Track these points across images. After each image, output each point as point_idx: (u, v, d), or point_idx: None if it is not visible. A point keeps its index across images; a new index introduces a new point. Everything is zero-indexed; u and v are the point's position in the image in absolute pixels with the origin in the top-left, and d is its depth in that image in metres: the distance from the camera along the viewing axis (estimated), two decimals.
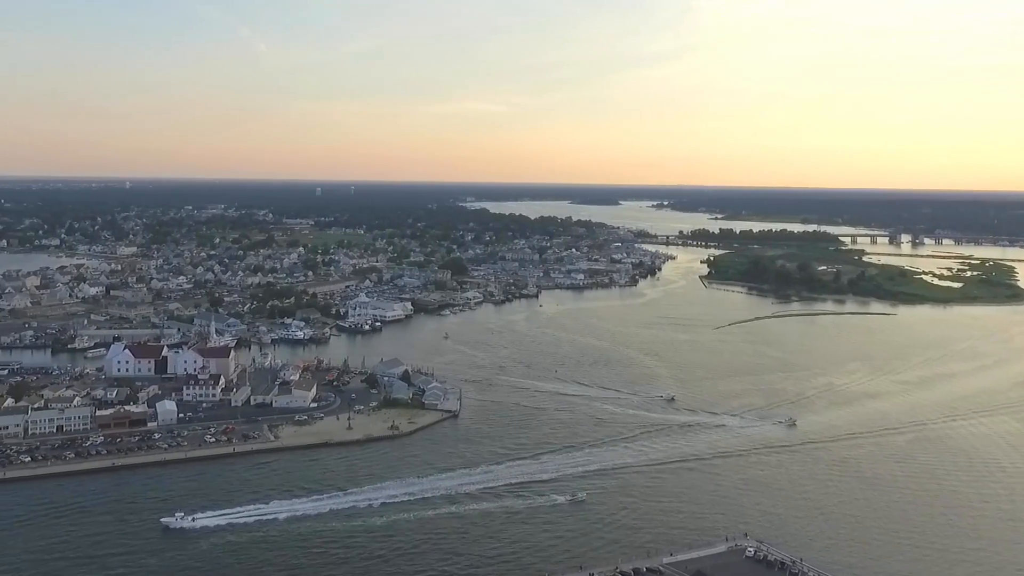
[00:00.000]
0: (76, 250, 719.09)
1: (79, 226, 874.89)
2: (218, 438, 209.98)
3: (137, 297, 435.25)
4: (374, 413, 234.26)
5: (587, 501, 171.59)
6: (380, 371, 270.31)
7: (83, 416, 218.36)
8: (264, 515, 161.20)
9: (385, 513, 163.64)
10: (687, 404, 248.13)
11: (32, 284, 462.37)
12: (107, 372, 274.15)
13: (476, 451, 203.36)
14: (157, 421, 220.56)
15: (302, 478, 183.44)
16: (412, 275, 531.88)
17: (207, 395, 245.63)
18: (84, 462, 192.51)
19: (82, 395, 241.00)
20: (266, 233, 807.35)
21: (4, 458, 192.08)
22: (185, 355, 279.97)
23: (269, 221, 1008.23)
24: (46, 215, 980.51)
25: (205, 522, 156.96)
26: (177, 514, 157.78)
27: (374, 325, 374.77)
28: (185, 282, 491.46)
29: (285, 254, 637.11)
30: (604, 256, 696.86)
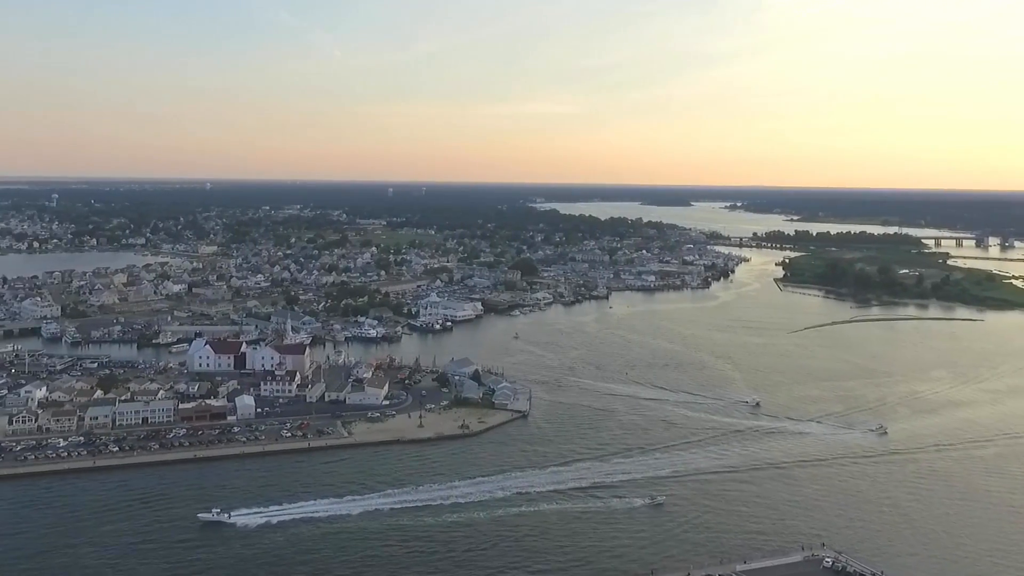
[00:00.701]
0: (160, 249, 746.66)
1: (163, 226, 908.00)
2: (294, 433, 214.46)
3: (217, 295, 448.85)
4: (445, 412, 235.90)
5: (665, 505, 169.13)
6: (451, 370, 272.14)
7: (167, 409, 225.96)
8: (340, 510, 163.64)
9: (456, 511, 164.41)
10: (765, 409, 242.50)
11: (120, 281, 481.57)
12: (189, 367, 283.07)
13: (546, 451, 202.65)
14: (236, 415, 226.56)
15: (375, 474, 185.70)
16: (482, 275, 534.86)
17: (283, 391, 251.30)
18: (168, 453, 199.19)
19: (166, 388, 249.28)
20: (340, 233, 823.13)
21: (95, 447, 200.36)
22: (262, 351, 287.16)
23: (343, 221, 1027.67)
24: (133, 215, 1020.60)
25: (245, 520, 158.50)
26: (214, 509, 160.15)
27: (445, 325, 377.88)
28: (263, 280, 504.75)
29: (358, 254, 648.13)
30: (675, 258, 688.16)
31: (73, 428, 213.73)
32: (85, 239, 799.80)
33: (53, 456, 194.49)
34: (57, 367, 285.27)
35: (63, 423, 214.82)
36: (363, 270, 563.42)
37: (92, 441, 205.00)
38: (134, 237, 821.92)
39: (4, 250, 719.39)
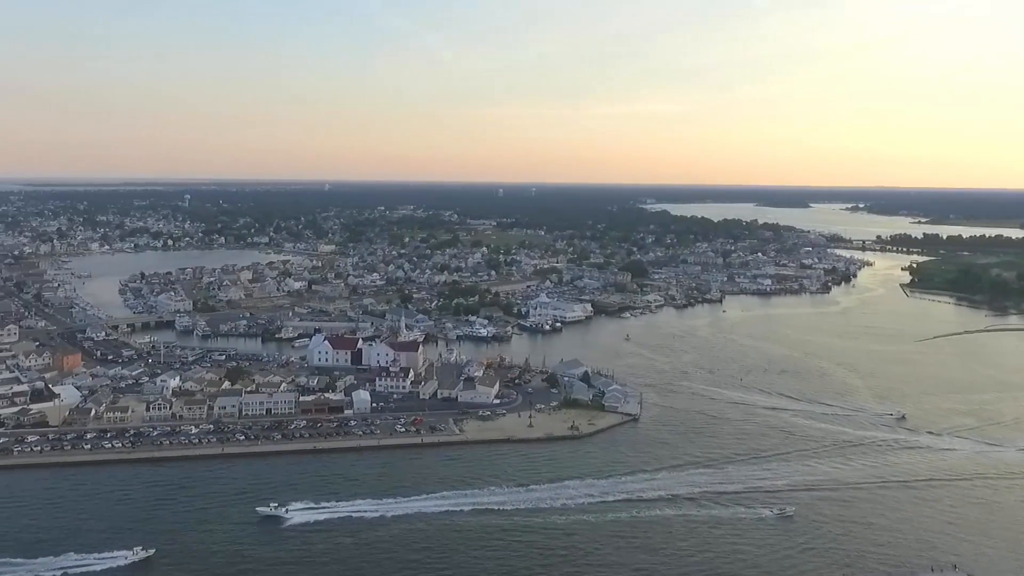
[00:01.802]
0: (283, 247, 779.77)
1: (285, 225, 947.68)
2: (407, 428, 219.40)
3: (335, 292, 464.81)
4: (554, 412, 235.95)
5: (794, 517, 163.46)
6: (560, 371, 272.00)
7: (288, 401, 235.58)
8: (452, 507, 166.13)
9: (566, 512, 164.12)
10: (894, 422, 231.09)
11: (245, 278, 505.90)
12: (309, 361, 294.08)
13: (657, 456, 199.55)
14: (353, 409, 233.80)
15: (486, 472, 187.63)
16: (592, 277, 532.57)
17: (397, 387, 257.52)
18: (290, 443, 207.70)
19: (287, 381, 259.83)
20: (452, 233, 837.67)
21: (223, 435, 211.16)
22: (378, 348, 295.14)
23: (454, 221, 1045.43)
24: (257, 215, 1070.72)
25: (301, 516, 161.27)
26: (272, 504, 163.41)
27: (554, 325, 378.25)
28: (378, 279, 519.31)
29: (469, 253, 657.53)
30: (793, 261, 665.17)
31: (203, 416, 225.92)
32: (214, 237, 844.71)
33: (186, 442, 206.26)
34: (189, 358, 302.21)
35: (195, 411, 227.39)
36: (474, 270, 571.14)
37: (221, 429, 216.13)
38: (258, 236, 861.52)
39: (142, 247, 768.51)
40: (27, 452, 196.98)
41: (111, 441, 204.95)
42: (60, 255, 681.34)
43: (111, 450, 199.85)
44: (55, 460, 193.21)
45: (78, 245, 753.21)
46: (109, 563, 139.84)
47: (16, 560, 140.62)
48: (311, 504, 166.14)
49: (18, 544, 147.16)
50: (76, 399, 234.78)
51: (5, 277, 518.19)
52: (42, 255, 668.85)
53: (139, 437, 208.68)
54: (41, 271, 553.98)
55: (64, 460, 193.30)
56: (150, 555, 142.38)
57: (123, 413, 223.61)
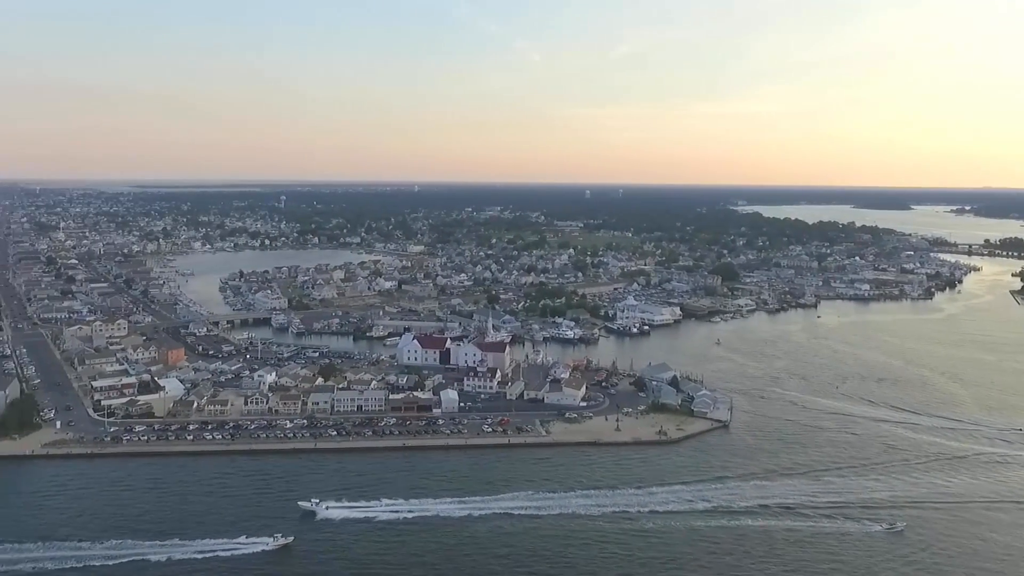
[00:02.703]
0: (373, 247, 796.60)
1: (376, 226, 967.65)
2: (494, 428, 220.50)
3: (424, 292, 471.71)
4: (642, 417, 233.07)
5: (905, 533, 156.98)
6: (648, 375, 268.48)
7: (379, 398, 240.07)
8: (537, 508, 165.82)
9: (653, 518, 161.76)
10: (1009, 436, 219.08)
11: (338, 277, 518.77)
12: (398, 360, 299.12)
13: (749, 464, 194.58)
14: (441, 408, 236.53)
15: (572, 474, 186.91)
16: (681, 279, 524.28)
17: (485, 387, 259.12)
18: (380, 440, 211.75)
19: (378, 379, 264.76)
20: (539, 234, 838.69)
21: (316, 430, 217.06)
22: (465, 348, 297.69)
23: (541, 223, 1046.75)
24: (349, 216, 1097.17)
25: (339, 512, 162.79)
26: (312, 500, 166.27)
27: (642, 328, 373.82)
28: (466, 279, 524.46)
29: (556, 255, 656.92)
30: (893, 265, 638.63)
31: (298, 411, 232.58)
32: (308, 237, 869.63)
33: (281, 436, 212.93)
34: (284, 355, 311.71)
35: (289, 406, 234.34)
36: (560, 271, 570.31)
37: (314, 424, 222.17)
38: (350, 236, 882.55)
39: (241, 246, 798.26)
40: (135, 441, 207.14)
41: (212, 433, 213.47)
42: (165, 254, 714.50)
43: (211, 441, 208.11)
44: (160, 449, 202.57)
45: (182, 244, 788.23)
46: (251, 548, 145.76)
47: (148, 543, 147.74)
48: (401, 501, 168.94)
49: (142, 527, 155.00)
50: (180, 392, 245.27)
51: (116, 274, 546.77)
52: (149, 253, 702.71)
53: (238, 430, 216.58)
54: (148, 269, 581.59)
55: (169, 450, 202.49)
56: (289, 542, 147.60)
57: (223, 406, 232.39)
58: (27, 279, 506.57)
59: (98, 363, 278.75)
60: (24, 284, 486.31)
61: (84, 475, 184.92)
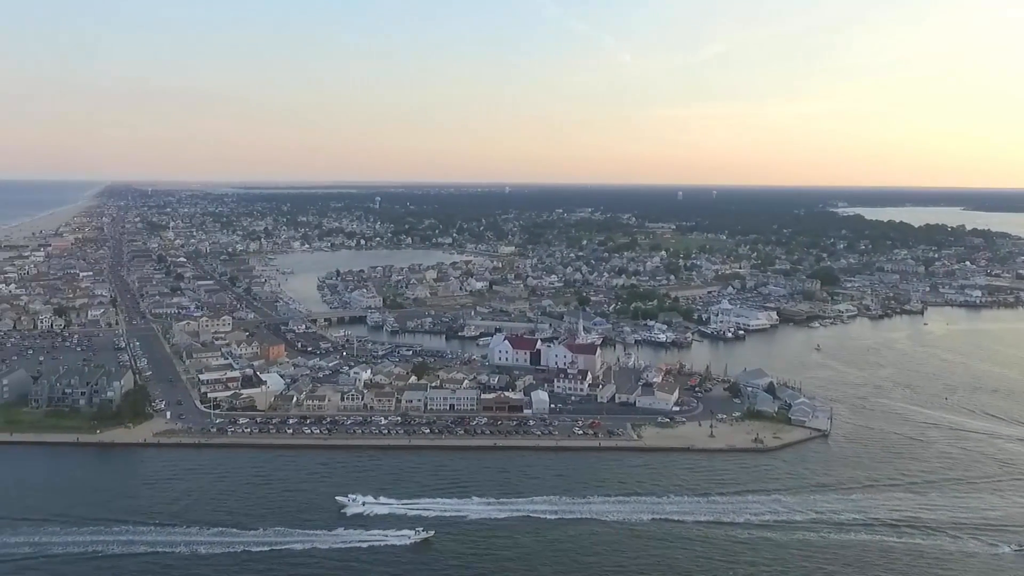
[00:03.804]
0: (465, 248, 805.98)
1: (467, 227, 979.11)
2: (585, 431, 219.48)
3: (515, 293, 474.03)
4: (737, 423, 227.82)
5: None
6: (743, 381, 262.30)
7: (470, 398, 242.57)
8: (630, 513, 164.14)
9: (749, 528, 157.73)
10: None
11: (431, 277, 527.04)
12: (489, 360, 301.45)
13: (850, 476, 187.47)
14: (532, 409, 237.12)
15: (666, 480, 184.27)
16: (777, 283, 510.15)
17: (575, 389, 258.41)
18: (472, 439, 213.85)
19: (469, 379, 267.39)
20: (630, 236, 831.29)
21: (410, 427, 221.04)
22: (556, 350, 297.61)
23: (632, 224, 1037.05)
24: (441, 216, 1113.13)
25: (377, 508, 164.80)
26: (351, 495, 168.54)
27: (737, 333, 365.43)
28: (556, 280, 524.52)
29: (647, 257, 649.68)
30: (1008, 271, 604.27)
31: (392, 408, 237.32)
32: (402, 237, 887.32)
33: (376, 432, 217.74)
34: (379, 352, 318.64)
35: (384, 403, 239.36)
36: (652, 274, 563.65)
37: (408, 421, 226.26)
38: (442, 237, 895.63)
39: (337, 246, 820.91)
40: (239, 433, 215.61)
41: (310, 427, 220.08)
42: (267, 253, 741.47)
43: (310, 435, 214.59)
44: (263, 442, 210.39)
45: (282, 244, 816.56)
46: (393, 541, 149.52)
47: (293, 530, 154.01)
48: (492, 500, 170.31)
49: (250, 515, 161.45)
50: (280, 387, 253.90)
51: (221, 272, 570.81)
52: (251, 252, 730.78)
53: (335, 425, 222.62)
54: (251, 267, 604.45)
55: (270, 442, 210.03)
56: (430, 536, 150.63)
57: (320, 402, 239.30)
58: (140, 276, 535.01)
59: (204, 357, 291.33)
60: (137, 281, 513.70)
61: (192, 464, 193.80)
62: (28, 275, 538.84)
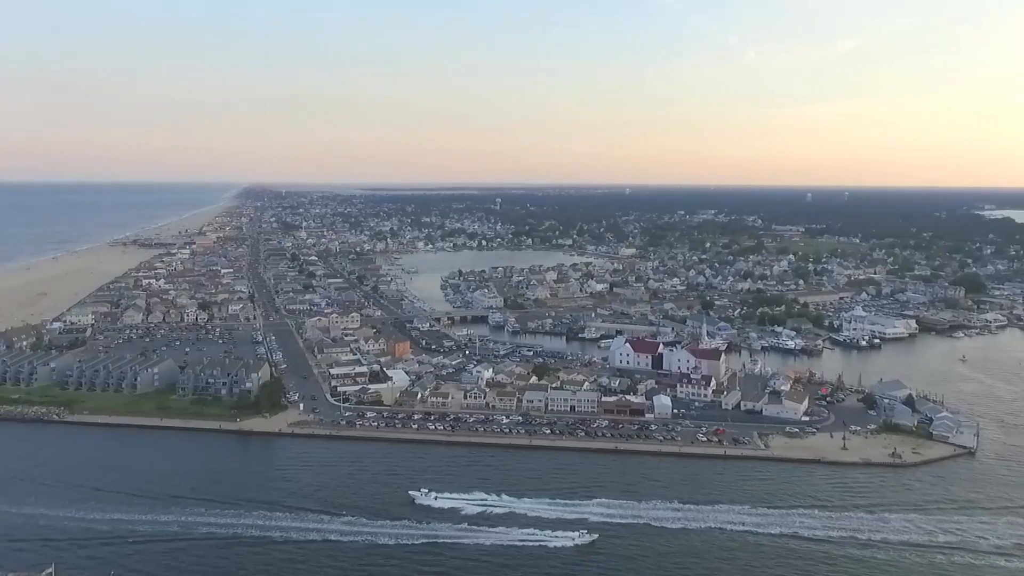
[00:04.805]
0: (585, 249, 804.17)
1: (587, 228, 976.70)
2: (709, 438, 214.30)
3: (636, 295, 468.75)
4: (872, 436, 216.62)
5: None
6: (879, 392, 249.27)
7: (591, 400, 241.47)
8: (754, 524, 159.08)
9: (887, 547, 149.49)
10: None
11: (551, 278, 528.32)
12: (610, 362, 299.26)
13: (1000, 498, 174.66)
14: (653, 413, 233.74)
15: (794, 492, 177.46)
16: (916, 290, 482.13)
17: (699, 395, 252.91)
18: (592, 441, 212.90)
19: (590, 381, 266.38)
20: (755, 239, 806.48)
21: (531, 427, 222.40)
22: (678, 354, 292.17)
23: (758, 227, 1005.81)
24: (561, 218, 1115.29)
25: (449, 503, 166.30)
26: (422, 489, 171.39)
27: (872, 341, 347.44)
28: (678, 284, 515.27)
29: (775, 261, 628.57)
30: None
31: (513, 408, 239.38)
32: (522, 238, 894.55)
33: (497, 431, 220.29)
34: (500, 352, 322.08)
35: (505, 402, 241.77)
36: (780, 278, 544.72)
37: (528, 421, 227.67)
38: (562, 238, 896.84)
39: (459, 247, 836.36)
40: (367, 426, 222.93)
41: (434, 423, 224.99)
42: (392, 252, 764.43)
43: (434, 431, 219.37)
44: (389, 436, 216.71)
45: (407, 243, 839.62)
46: (557, 542, 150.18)
47: (427, 523, 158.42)
48: (611, 501, 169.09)
49: (380, 507, 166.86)
50: (405, 383, 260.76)
51: (349, 271, 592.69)
52: (378, 252, 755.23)
53: (458, 422, 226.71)
54: (377, 266, 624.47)
55: (396, 436, 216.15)
56: (594, 539, 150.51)
57: (444, 399, 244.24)
58: (275, 273, 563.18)
59: (334, 352, 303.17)
60: (272, 278, 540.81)
61: (324, 454, 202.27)
62: (175, 271, 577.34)
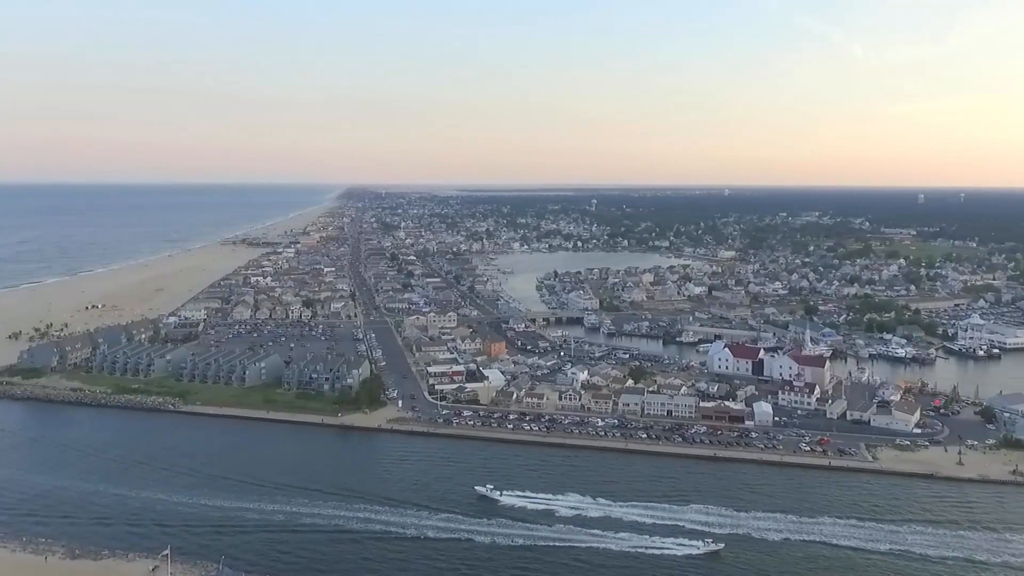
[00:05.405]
0: (682, 252, 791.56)
1: (685, 230, 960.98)
2: (812, 448, 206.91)
3: (735, 299, 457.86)
4: (990, 452, 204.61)
5: None
6: (999, 405, 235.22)
7: (688, 405, 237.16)
8: (862, 540, 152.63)
9: (1008, 569, 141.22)
10: None
11: (647, 280, 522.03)
12: (708, 367, 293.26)
13: None
14: (753, 420, 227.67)
15: (904, 507, 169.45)
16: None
17: (801, 402, 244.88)
18: (689, 447, 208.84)
19: (687, 385, 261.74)
20: (863, 242, 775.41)
21: (627, 430, 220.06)
22: (780, 360, 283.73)
23: (865, 230, 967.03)
24: (658, 219, 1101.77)
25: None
26: (488, 486, 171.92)
27: (990, 351, 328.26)
28: (780, 288, 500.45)
29: (884, 265, 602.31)
30: None
31: (609, 411, 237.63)
32: (618, 240, 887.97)
33: (592, 433, 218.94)
34: (596, 354, 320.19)
35: (601, 405, 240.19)
36: (889, 283, 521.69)
37: (624, 425, 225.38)
38: (659, 240, 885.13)
39: (555, 248, 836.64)
40: (463, 425, 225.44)
41: (529, 424, 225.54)
42: (488, 253, 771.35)
43: (529, 432, 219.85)
44: (485, 435, 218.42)
45: (502, 244, 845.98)
46: (680, 551, 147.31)
47: (528, 524, 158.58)
48: (709, 508, 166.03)
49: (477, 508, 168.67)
50: (501, 382, 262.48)
51: (446, 271, 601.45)
52: (474, 252, 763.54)
53: (552, 423, 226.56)
54: (473, 266, 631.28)
55: (492, 436, 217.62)
56: (719, 549, 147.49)
57: (539, 399, 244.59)
58: (375, 272, 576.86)
59: (432, 351, 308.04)
60: (373, 277, 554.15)
61: (422, 451, 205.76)
62: (281, 269, 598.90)
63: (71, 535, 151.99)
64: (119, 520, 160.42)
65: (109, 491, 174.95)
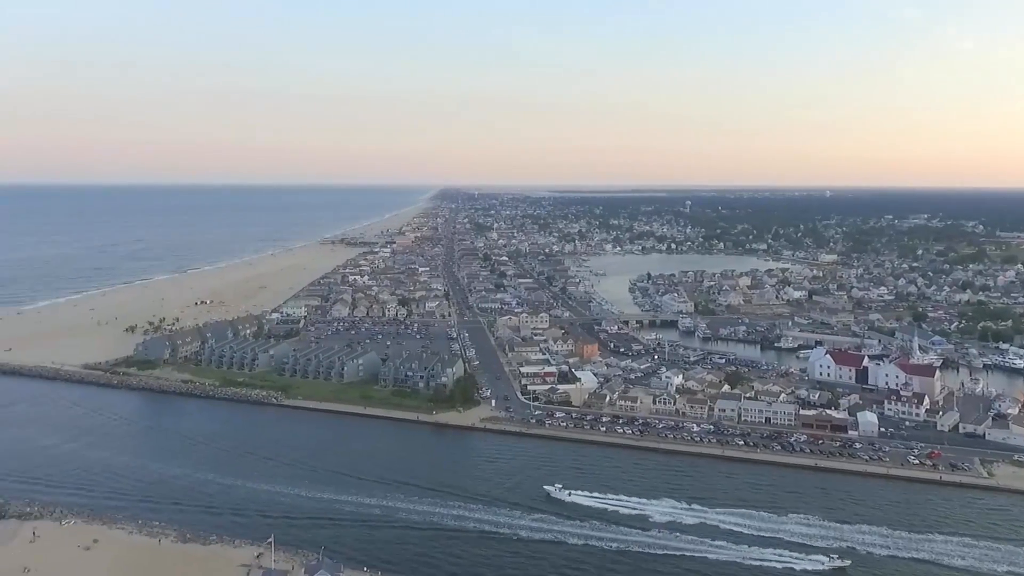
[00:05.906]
0: (781, 255, 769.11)
1: (783, 232, 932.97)
2: (922, 461, 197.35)
3: (837, 304, 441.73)
4: None
5: None
6: None
7: (788, 412, 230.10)
8: (980, 559, 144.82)
9: None
10: None
11: (744, 284, 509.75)
12: (809, 374, 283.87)
13: None
14: (857, 430, 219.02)
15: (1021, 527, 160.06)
16: None
17: (909, 413, 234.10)
18: (789, 456, 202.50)
19: (787, 392, 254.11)
20: (976, 247, 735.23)
21: (723, 437, 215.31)
22: (886, 368, 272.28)
23: (979, 233, 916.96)
24: (755, 221, 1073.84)
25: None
26: (556, 485, 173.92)
27: None
28: (886, 293, 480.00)
29: (1000, 270, 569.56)
30: None
31: (704, 416, 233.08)
32: (713, 242, 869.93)
33: (688, 439, 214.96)
34: (690, 358, 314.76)
35: (696, 410, 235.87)
36: (1006, 290, 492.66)
37: (720, 431, 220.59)
38: (756, 242, 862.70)
39: (648, 250, 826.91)
40: (556, 426, 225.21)
41: (622, 427, 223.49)
42: (580, 254, 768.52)
43: (622, 435, 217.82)
44: (577, 436, 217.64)
45: (595, 245, 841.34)
46: (804, 565, 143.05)
47: (624, 529, 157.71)
48: (811, 519, 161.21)
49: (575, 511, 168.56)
50: (593, 385, 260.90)
51: (538, 272, 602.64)
52: (566, 253, 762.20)
53: (646, 427, 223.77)
54: (565, 268, 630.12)
55: (584, 438, 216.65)
56: (846, 566, 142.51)
57: (632, 403, 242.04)
58: (468, 272, 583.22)
59: (524, 351, 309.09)
60: (466, 277, 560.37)
61: (515, 451, 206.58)
62: (377, 268, 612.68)
63: (181, 521, 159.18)
64: (225, 508, 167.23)
65: (216, 480, 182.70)
